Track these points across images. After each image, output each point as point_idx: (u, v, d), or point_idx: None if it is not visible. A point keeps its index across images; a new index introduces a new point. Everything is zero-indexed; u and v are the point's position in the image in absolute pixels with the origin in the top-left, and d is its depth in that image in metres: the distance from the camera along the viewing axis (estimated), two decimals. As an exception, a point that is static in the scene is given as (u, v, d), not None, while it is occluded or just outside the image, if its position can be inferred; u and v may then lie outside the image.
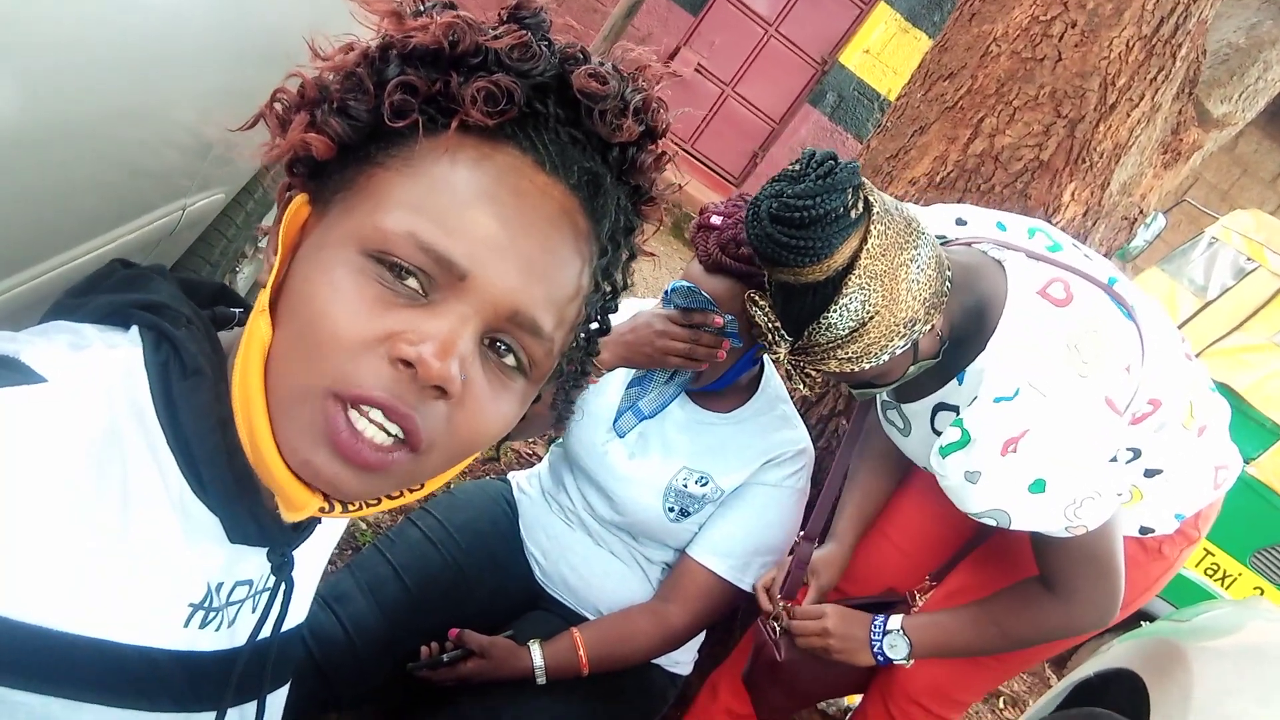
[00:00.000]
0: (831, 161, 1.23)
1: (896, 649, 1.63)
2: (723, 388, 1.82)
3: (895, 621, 1.64)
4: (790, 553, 1.80)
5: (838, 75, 9.13)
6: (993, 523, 1.41)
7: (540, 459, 2.37)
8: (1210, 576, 4.19)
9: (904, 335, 1.31)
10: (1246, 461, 4.18)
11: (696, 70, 8.95)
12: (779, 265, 1.25)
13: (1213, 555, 4.20)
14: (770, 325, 1.36)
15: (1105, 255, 2.54)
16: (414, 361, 0.63)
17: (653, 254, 1.46)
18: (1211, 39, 2.55)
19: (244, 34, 1.45)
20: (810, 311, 1.29)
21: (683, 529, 1.82)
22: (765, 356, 1.90)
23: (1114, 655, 2.17)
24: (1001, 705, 3.91)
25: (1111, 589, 1.48)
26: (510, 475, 2.10)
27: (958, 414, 1.43)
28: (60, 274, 1.26)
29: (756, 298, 1.39)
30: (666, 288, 1.68)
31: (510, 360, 0.71)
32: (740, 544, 1.80)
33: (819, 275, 1.26)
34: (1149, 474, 1.56)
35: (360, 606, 1.71)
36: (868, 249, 1.25)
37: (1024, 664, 1.81)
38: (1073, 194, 2.20)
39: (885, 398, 1.63)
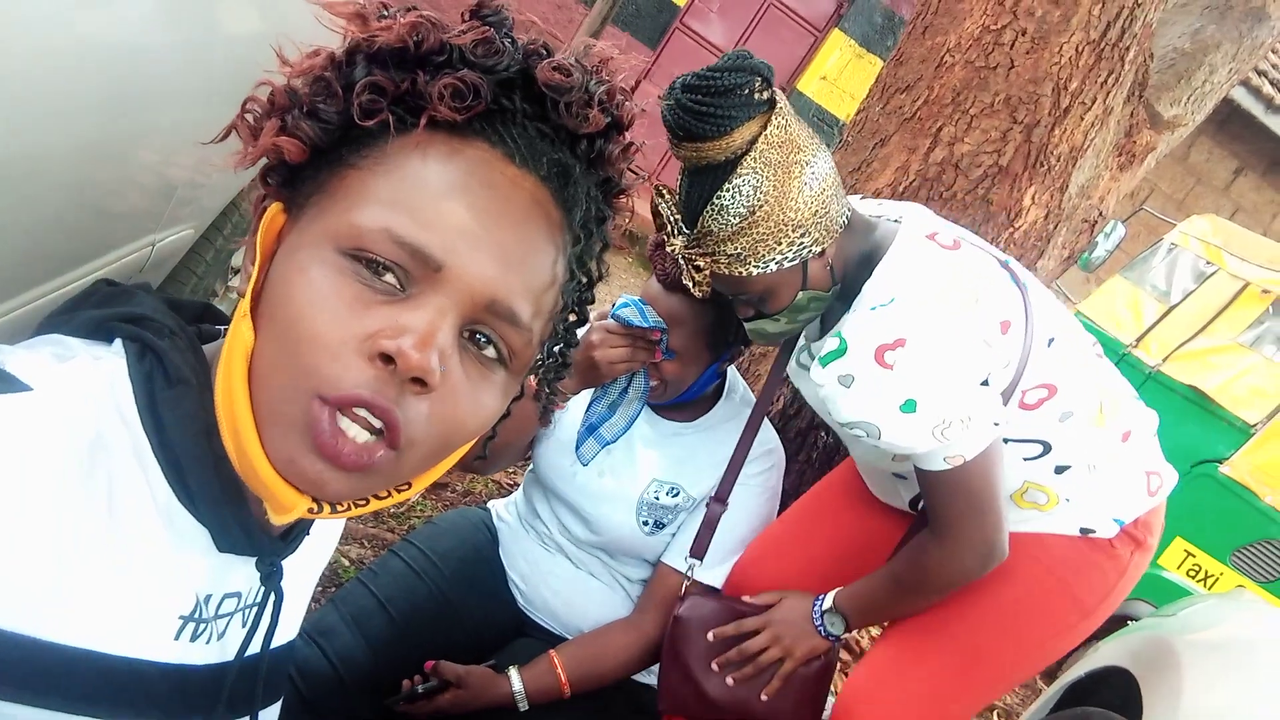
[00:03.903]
0: (747, 52, 1.33)
1: (836, 624, 1.64)
2: (685, 402, 1.83)
3: (829, 600, 1.65)
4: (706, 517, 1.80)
5: (796, 102, 9.25)
6: (863, 434, 1.41)
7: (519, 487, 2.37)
8: (1192, 578, 4.21)
9: (791, 243, 1.36)
10: (1219, 461, 4.22)
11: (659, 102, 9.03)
12: (683, 134, 1.31)
13: (1194, 556, 4.22)
14: (670, 215, 1.41)
15: (1068, 259, 2.57)
16: (394, 355, 0.63)
17: (624, 247, 1.48)
18: (1158, 45, 2.62)
19: (207, 73, 1.45)
20: (707, 194, 1.35)
21: (658, 542, 1.81)
22: (730, 368, 1.91)
23: (1104, 654, 2.18)
24: (995, 717, 3.89)
25: (988, 526, 1.47)
26: (490, 503, 2.09)
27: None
28: (26, 312, 1.24)
29: (664, 190, 1.42)
30: (613, 306, 1.70)
31: (490, 351, 0.72)
32: (712, 545, 1.79)
33: (719, 154, 1.32)
34: (1059, 470, 1.55)
35: (346, 640, 1.68)
36: (766, 135, 1.32)
37: (993, 691, 1.71)
38: (1033, 198, 2.23)
39: (801, 342, 1.64)
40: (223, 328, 0.82)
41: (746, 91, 1.29)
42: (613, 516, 1.80)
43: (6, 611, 0.58)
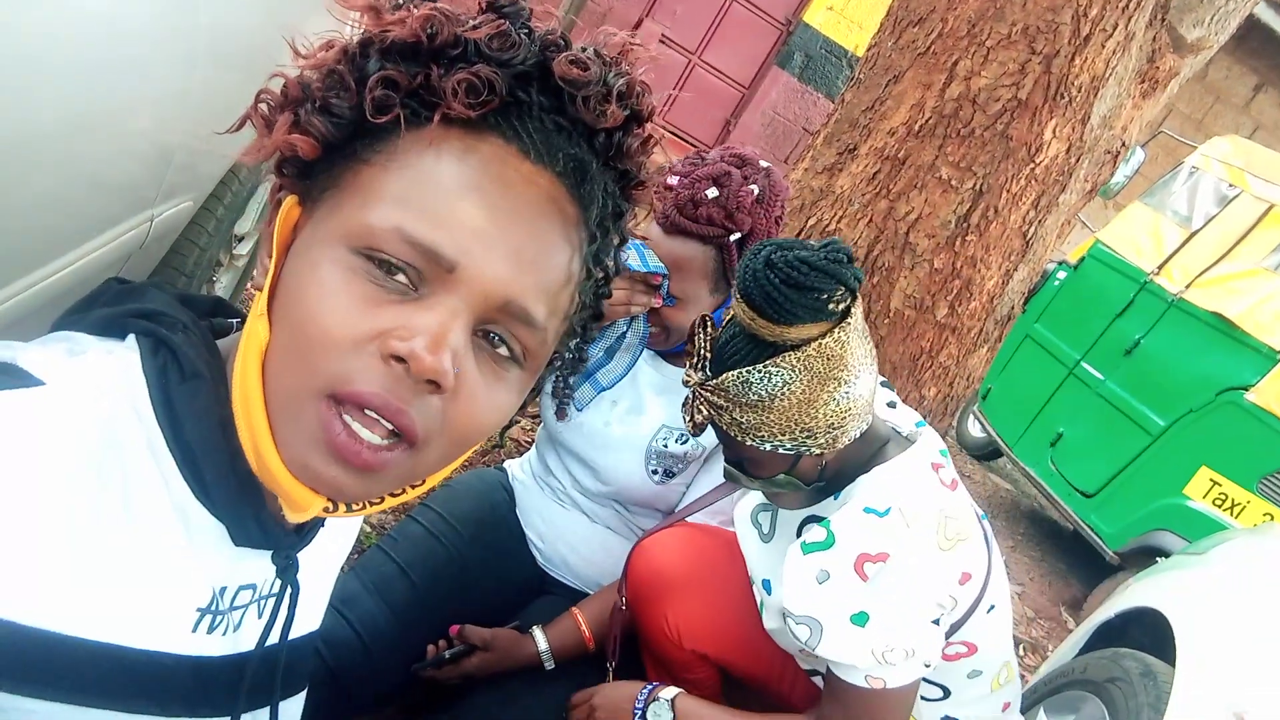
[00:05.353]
0: (848, 255, 1.28)
1: (660, 718, 1.58)
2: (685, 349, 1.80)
3: (668, 692, 1.58)
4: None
5: (803, 35, 9.07)
6: (805, 631, 1.37)
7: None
8: (1219, 506, 4.19)
9: (794, 439, 1.33)
10: (1245, 388, 4.17)
11: (661, 41, 8.89)
12: (745, 301, 1.29)
13: (1220, 485, 4.20)
14: (702, 351, 1.39)
15: (1090, 192, 2.51)
16: (406, 357, 0.63)
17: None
18: (1180, -38, 2.51)
19: (194, 36, 1.40)
20: (739, 359, 1.32)
21: (670, 491, 1.80)
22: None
23: (1134, 594, 2.16)
24: (1021, 652, 3.91)
25: None
26: (506, 463, 2.08)
27: (824, 520, 1.43)
28: (27, 297, 1.22)
29: (708, 323, 1.41)
30: None
31: (504, 351, 0.71)
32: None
33: (768, 334, 1.29)
34: (945, 719, 1.57)
35: (369, 607, 1.69)
36: (821, 343, 1.28)
37: None
38: (1054, 131, 2.17)
39: (763, 500, 1.62)
40: (235, 321, 0.82)
41: (824, 296, 1.25)
42: (621, 466, 1.79)
43: (23, 606, 0.57)
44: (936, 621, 1.37)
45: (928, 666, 1.39)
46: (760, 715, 1.55)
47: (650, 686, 1.60)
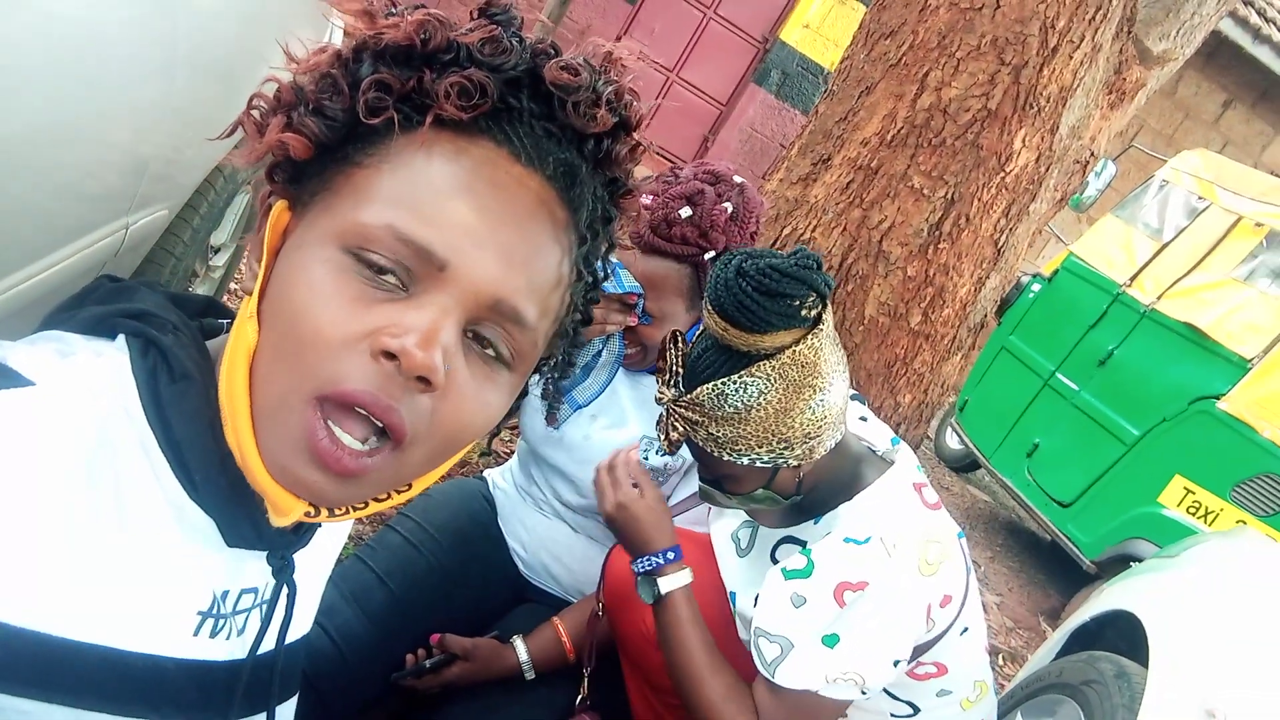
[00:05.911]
0: (817, 262, 1.28)
1: (645, 591, 1.52)
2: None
3: (672, 580, 1.51)
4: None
5: (780, 53, 9.14)
6: (776, 651, 1.36)
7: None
8: (1193, 514, 4.22)
9: (772, 450, 1.32)
10: (1217, 397, 4.22)
11: (638, 58, 8.92)
12: (717, 312, 1.28)
13: (1193, 493, 4.24)
14: (674, 366, 1.38)
15: (1060, 201, 2.54)
16: (397, 353, 0.63)
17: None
18: (1145, -23, 2.56)
19: (172, 45, 1.41)
20: (713, 371, 1.32)
21: None
22: None
23: (1108, 598, 2.18)
24: (1000, 662, 3.92)
25: None
26: (486, 473, 2.08)
27: (805, 546, 1.43)
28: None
29: (679, 338, 1.41)
30: None
31: (494, 353, 0.71)
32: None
33: (741, 345, 1.29)
34: None
35: (346, 617, 1.68)
36: (795, 350, 1.28)
37: None
38: (1023, 140, 2.20)
39: (745, 516, 1.61)
40: (226, 322, 0.82)
41: (796, 302, 1.25)
42: None
43: (17, 608, 0.57)
44: (896, 663, 1.36)
45: (864, 695, 1.38)
46: (722, 661, 1.47)
47: (663, 559, 1.52)
